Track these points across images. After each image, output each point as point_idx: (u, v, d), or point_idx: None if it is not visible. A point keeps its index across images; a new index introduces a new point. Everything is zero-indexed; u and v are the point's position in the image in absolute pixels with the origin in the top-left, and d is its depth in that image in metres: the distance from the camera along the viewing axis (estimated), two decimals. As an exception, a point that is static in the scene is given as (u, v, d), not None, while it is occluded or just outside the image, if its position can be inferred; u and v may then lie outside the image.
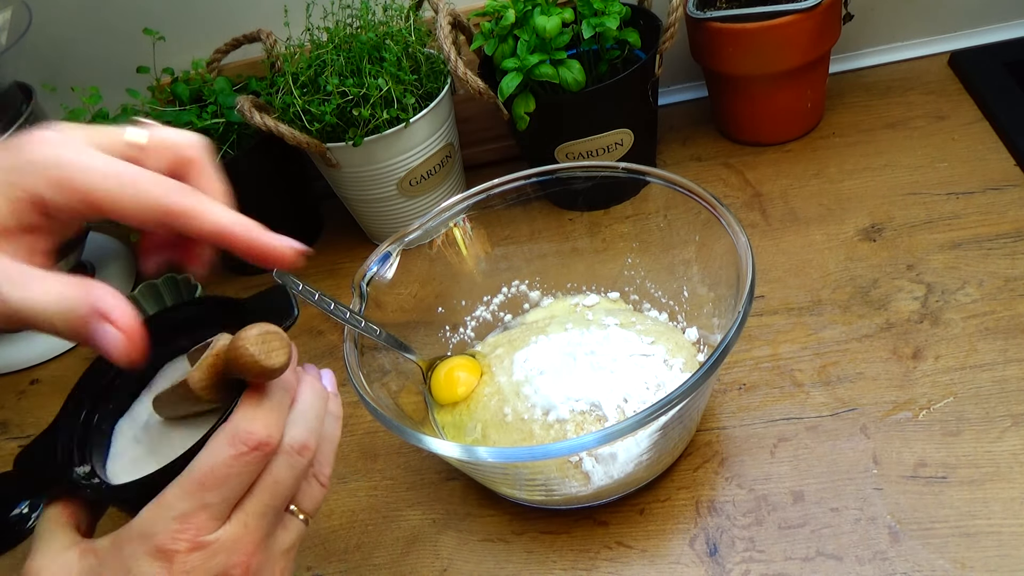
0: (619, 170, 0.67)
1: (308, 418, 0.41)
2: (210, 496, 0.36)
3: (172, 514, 0.36)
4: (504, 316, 0.75)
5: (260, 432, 0.38)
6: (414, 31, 0.83)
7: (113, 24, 0.98)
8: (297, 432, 0.40)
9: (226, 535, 0.37)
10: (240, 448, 0.37)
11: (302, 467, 0.40)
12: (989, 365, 0.62)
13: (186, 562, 0.36)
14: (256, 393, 0.39)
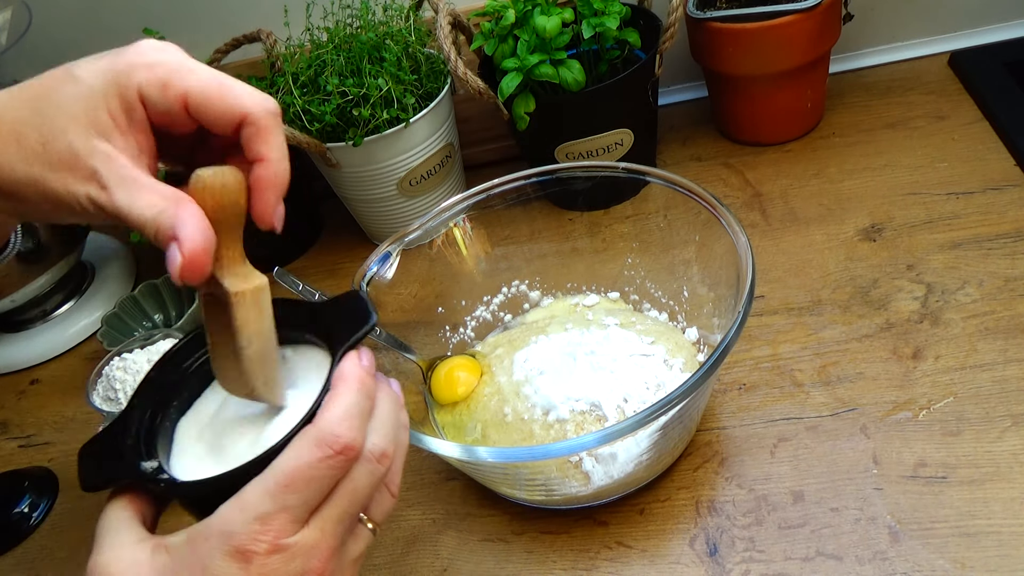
0: (619, 170, 0.67)
1: (387, 425, 0.40)
2: (292, 498, 0.36)
3: (253, 514, 0.35)
4: (504, 316, 0.75)
5: (347, 436, 0.37)
6: (414, 31, 0.83)
7: (113, 24, 0.98)
8: (378, 439, 0.39)
9: (304, 539, 0.36)
10: (326, 451, 0.36)
11: (380, 475, 0.39)
12: (989, 365, 0.62)
13: (264, 564, 0.35)
14: (341, 396, 0.38)
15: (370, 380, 0.40)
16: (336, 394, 0.38)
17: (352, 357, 0.40)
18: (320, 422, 0.37)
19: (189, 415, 0.45)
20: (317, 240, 0.99)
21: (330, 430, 0.37)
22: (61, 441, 0.83)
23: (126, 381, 0.67)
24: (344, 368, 0.39)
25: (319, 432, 0.37)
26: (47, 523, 0.74)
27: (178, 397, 0.45)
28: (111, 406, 0.66)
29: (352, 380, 0.39)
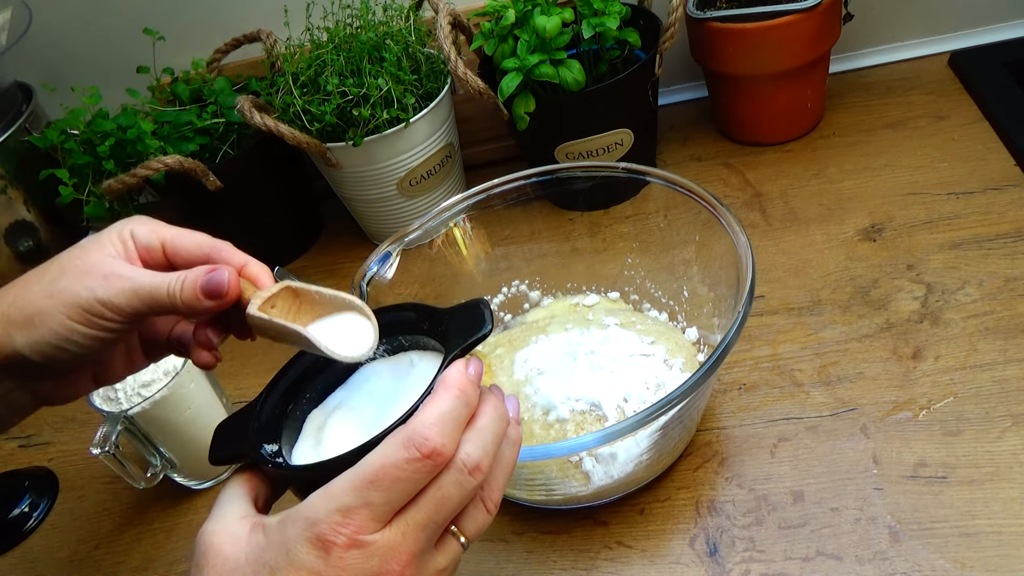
0: (619, 170, 0.67)
1: (485, 438, 0.39)
2: (375, 495, 0.36)
3: (336, 505, 0.36)
4: (504, 316, 0.75)
5: (435, 440, 0.37)
6: (414, 31, 0.83)
7: (113, 24, 0.98)
8: (472, 449, 0.39)
9: (384, 539, 0.37)
10: (413, 453, 0.36)
11: (471, 487, 0.39)
12: (989, 365, 0.62)
13: (342, 558, 0.36)
14: (437, 400, 0.38)
15: (472, 389, 0.39)
16: (434, 398, 0.38)
17: (458, 364, 0.40)
18: (412, 423, 0.37)
19: (320, 409, 0.46)
20: (317, 240, 0.99)
21: (420, 432, 0.37)
22: (61, 441, 0.83)
23: (126, 381, 0.67)
24: (447, 374, 0.39)
25: (409, 433, 0.37)
26: (47, 523, 0.74)
27: (313, 388, 0.47)
28: (111, 406, 0.66)
29: (452, 386, 0.39)
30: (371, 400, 0.45)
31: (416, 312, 0.46)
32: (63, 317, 0.42)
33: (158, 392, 0.65)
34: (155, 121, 0.85)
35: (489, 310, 0.43)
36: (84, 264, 0.44)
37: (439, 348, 0.45)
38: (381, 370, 0.47)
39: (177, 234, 0.46)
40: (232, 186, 0.85)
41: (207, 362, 0.47)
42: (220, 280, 0.43)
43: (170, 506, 0.72)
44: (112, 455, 0.63)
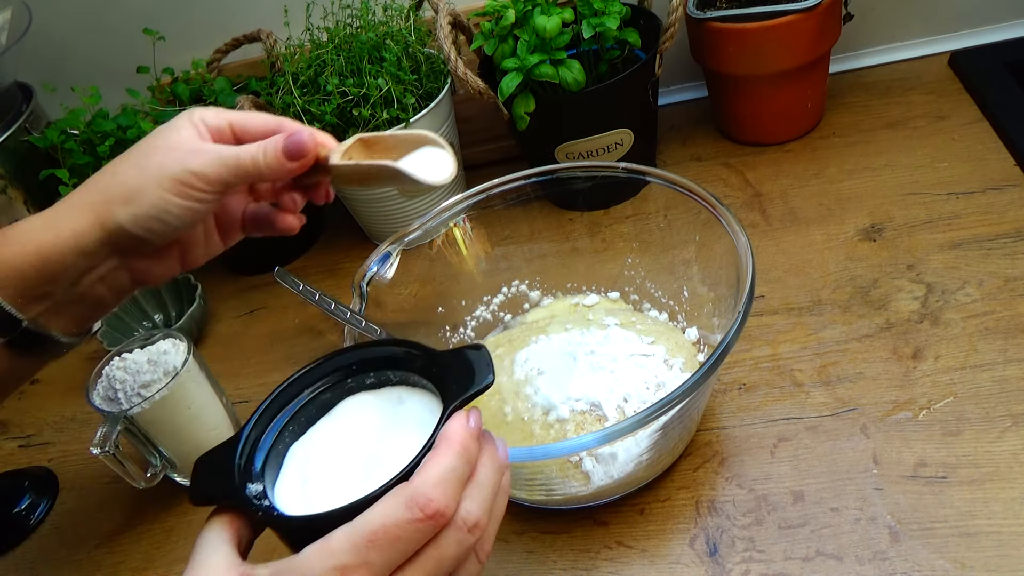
0: (619, 170, 0.67)
1: (485, 493, 0.39)
2: (375, 555, 0.35)
3: (333, 563, 0.35)
4: (504, 316, 0.75)
5: (439, 501, 0.36)
6: (414, 31, 0.83)
7: (113, 24, 0.98)
8: (473, 507, 0.38)
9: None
10: (416, 514, 0.36)
11: (469, 544, 0.38)
12: (989, 365, 0.62)
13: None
14: (441, 457, 0.38)
15: (474, 444, 0.39)
16: (436, 455, 0.38)
17: (460, 417, 0.39)
18: (415, 482, 0.37)
19: (303, 440, 0.45)
20: (317, 240, 0.99)
21: (424, 492, 0.36)
22: (61, 441, 0.83)
23: (126, 381, 0.67)
24: (449, 428, 0.39)
25: (412, 493, 0.36)
26: (47, 523, 0.74)
27: (296, 421, 0.45)
28: (111, 406, 0.66)
29: (455, 442, 0.38)
30: (358, 436, 0.44)
31: (409, 349, 0.45)
32: (159, 190, 0.45)
33: (158, 392, 0.65)
34: (155, 121, 0.85)
35: (490, 359, 0.42)
36: (168, 143, 0.47)
37: (430, 388, 0.44)
38: (367, 403, 0.46)
39: (242, 116, 0.49)
40: (232, 186, 0.85)
41: (292, 225, 0.52)
42: (301, 140, 0.46)
43: (170, 506, 0.72)
44: (112, 455, 0.63)
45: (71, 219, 0.46)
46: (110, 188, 0.46)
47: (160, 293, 0.92)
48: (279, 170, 0.47)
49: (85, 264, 0.47)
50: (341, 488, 0.40)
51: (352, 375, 0.46)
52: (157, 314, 0.92)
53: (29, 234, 0.47)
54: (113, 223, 0.46)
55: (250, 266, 0.97)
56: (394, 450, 0.42)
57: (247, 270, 0.97)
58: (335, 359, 0.46)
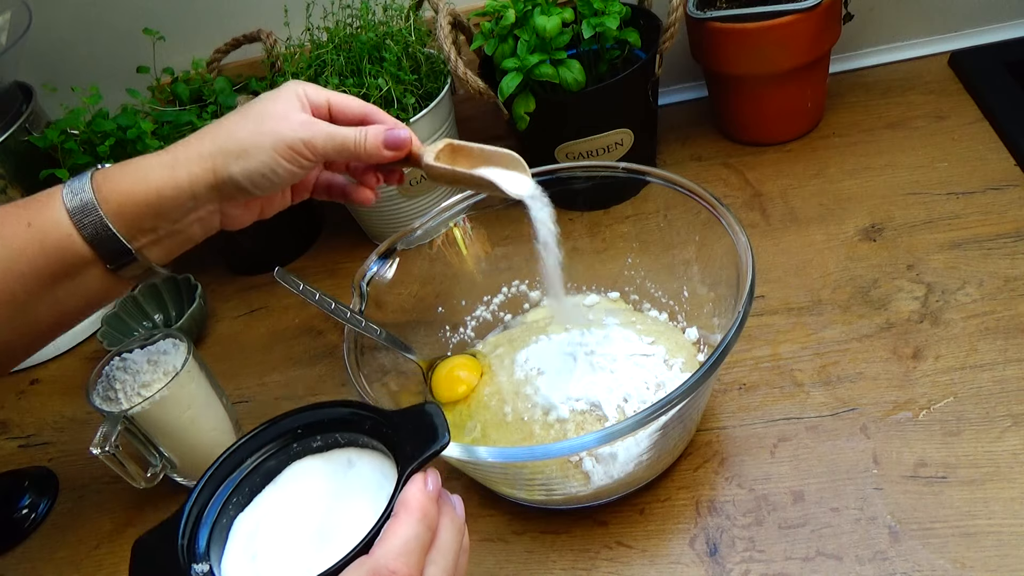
0: (619, 170, 0.67)
1: (448, 558, 0.39)
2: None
3: None
4: (504, 316, 0.75)
5: (402, 572, 0.36)
6: (414, 31, 0.83)
7: (113, 24, 0.98)
8: (437, 573, 0.38)
9: None
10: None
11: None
12: (989, 365, 0.62)
13: None
14: (401, 526, 0.37)
15: (433, 509, 0.39)
16: (397, 523, 0.37)
17: (418, 481, 0.39)
18: (376, 554, 0.36)
19: (248, 512, 0.44)
20: (317, 240, 0.99)
21: (386, 564, 0.36)
22: (61, 441, 0.83)
23: (126, 381, 0.67)
24: (408, 494, 0.38)
25: (375, 566, 0.36)
26: (47, 523, 0.74)
27: (240, 492, 0.44)
28: (111, 406, 0.66)
29: (414, 509, 0.38)
30: (308, 504, 0.43)
31: (357, 410, 0.44)
32: (272, 152, 0.52)
33: (158, 392, 0.65)
34: (155, 121, 0.85)
35: (443, 419, 0.41)
36: (280, 111, 0.53)
37: (381, 449, 0.43)
38: (315, 467, 0.45)
39: (339, 97, 0.56)
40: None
41: (368, 198, 0.60)
42: (401, 136, 0.55)
43: (170, 506, 0.72)
44: (112, 455, 0.63)
45: (190, 164, 0.52)
46: (226, 143, 0.52)
47: (160, 293, 0.92)
48: (375, 156, 0.54)
49: (192, 206, 0.53)
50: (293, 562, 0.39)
51: (298, 439, 0.45)
52: (157, 314, 0.92)
53: (149, 172, 0.52)
54: (226, 173, 0.52)
55: (250, 266, 0.97)
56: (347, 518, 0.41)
57: (247, 270, 0.97)
58: (280, 423, 0.45)
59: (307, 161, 0.53)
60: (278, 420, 0.45)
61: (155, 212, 0.52)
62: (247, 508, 0.44)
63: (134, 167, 0.53)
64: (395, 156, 0.55)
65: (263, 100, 0.54)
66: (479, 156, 0.56)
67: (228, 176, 0.52)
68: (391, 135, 0.54)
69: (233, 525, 0.43)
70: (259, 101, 0.54)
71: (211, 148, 0.52)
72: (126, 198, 0.51)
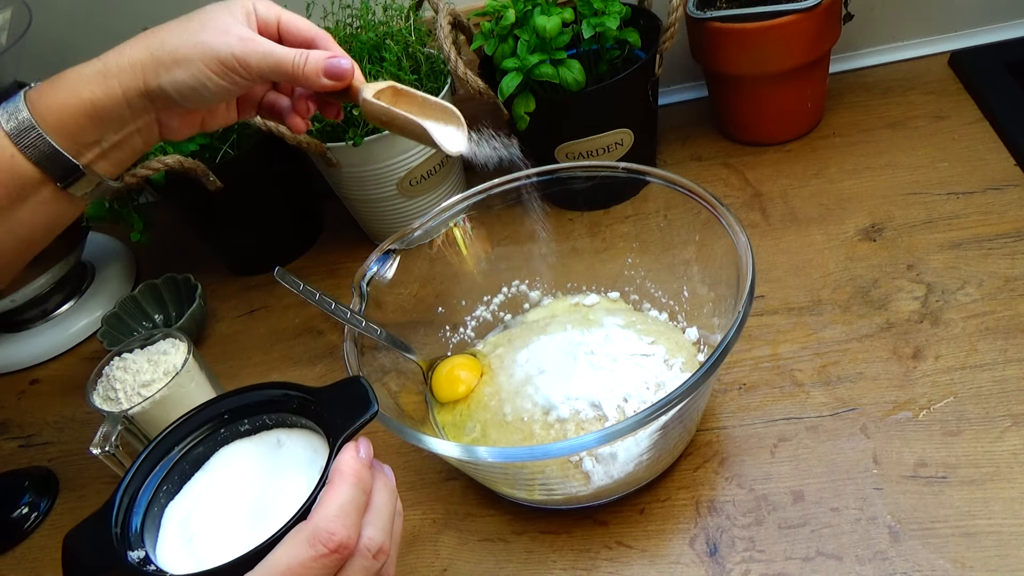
0: (619, 170, 0.67)
1: (383, 518, 0.40)
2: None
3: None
4: (504, 316, 0.75)
5: (342, 533, 0.37)
6: (414, 31, 0.83)
7: (113, 24, 0.98)
8: (375, 533, 0.39)
9: None
10: (320, 549, 0.36)
11: (375, 569, 0.39)
12: (989, 365, 0.62)
13: None
14: (336, 491, 0.38)
15: (367, 474, 0.40)
16: (332, 489, 0.38)
17: (350, 449, 0.40)
18: (315, 518, 0.37)
19: (179, 499, 0.44)
20: (317, 240, 0.99)
21: (325, 527, 0.37)
22: (61, 441, 0.83)
23: (126, 381, 0.67)
24: (342, 461, 0.39)
25: (314, 529, 0.37)
26: (47, 523, 0.74)
27: (169, 480, 0.44)
28: (111, 406, 0.66)
29: (349, 474, 0.39)
30: (239, 485, 0.43)
31: (284, 391, 0.44)
32: (203, 66, 0.50)
33: (158, 392, 0.65)
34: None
35: (371, 389, 0.42)
36: (221, 24, 0.51)
37: (310, 426, 0.44)
38: (244, 450, 0.45)
39: (290, 16, 0.54)
40: (232, 186, 0.85)
41: (299, 127, 0.57)
42: (343, 66, 0.52)
43: None
44: (112, 455, 0.63)
45: (121, 74, 0.50)
46: (158, 51, 0.50)
47: (160, 293, 0.92)
48: (313, 82, 0.52)
49: (130, 116, 0.51)
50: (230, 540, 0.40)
51: (225, 424, 0.45)
52: (157, 314, 0.92)
53: (82, 84, 0.50)
54: (156, 83, 0.50)
55: (250, 266, 0.97)
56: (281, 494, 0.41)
57: (247, 270, 0.97)
58: (206, 410, 0.45)
59: (240, 78, 0.51)
60: (204, 407, 0.45)
61: (94, 124, 0.50)
62: (177, 495, 0.44)
63: (66, 80, 0.51)
64: (334, 86, 0.52)
65: (209, 10, 0.52)
66: (420, 104, 0.53)
67: (158, 87, 0.50)
68: (332, 63, 0.52)
69: (165, 513, 0.43)
70: (205, 10, 0.52)
71: (142, 56, 0.50)
72: (62, 112, 0.50)
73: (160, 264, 1.00)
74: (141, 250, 1.03)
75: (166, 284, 0.91)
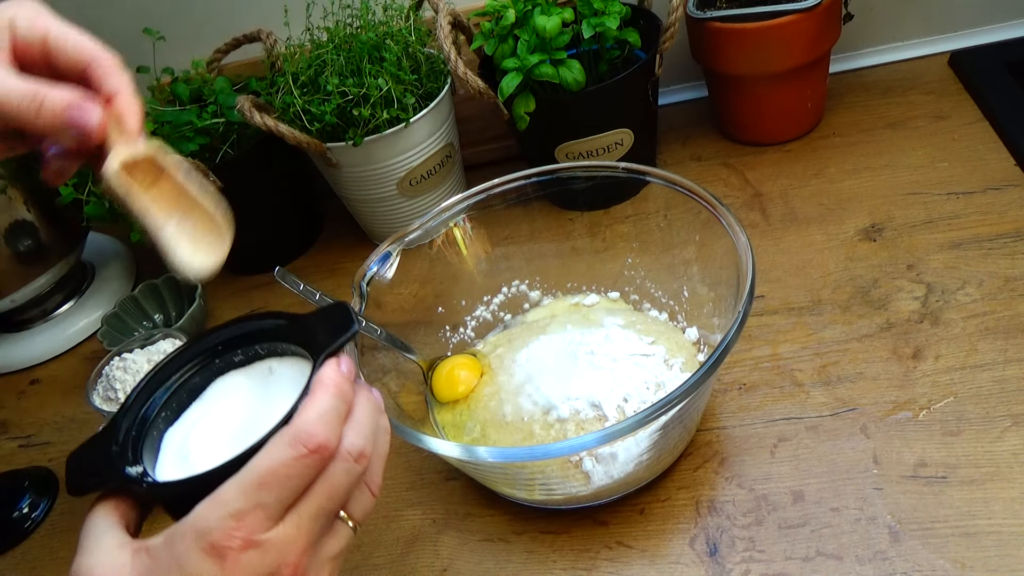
0: (619, 170, 0.67)
1: (364, 427, 0.41)
2: (267, 496, 0.37)
3: (227, 511, 0.36)
4: (504, 316, 0.75)
5: (321, 435, 0.38)
6: (414, 31, 0.83)
7: (113, 24, 0.98)
8: (355, 438, 0.40)
9: (278, 535, 0.37)
10: (300, 450, 0.37)
11: (357, 474, 0.40)
12: (989, 365, 0.62)
13: (239, 560, 0.36)
14: (317, 398, 0.39)
15: (347, 385, 0.40)
16: (313, 397, 0.39)
17: (331, 363, 0.41)
18: (296, 422, 0.38)
19: (177, 426, 0.45)
20: (317, 240, 0.99)
21: (305, 429, 0.38)
22: (61, 441, 0.83)
23: (126, 381, 0.67)
24: (322, 373, 0.40)
25: (294, 431, 0.38)
26: (47, 523, 0.74)
27: (167, 408, 0.45)
28: (111, 406, 0.66)
29: (329, 384, 0.40)
30: (234, 411, 0.45)
31: (274, 319, 0.46)
32: None
33: (158, 392, 0.65)
34: (155, 121, 0.85)
35: (354, 311, 0.43)
36: None
37: (300, 352, 0.45)
38: (238, 381, 0.46)
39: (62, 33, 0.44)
40: (232, 186, 0.85)
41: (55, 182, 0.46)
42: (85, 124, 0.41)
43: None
44: (112, 455, 0.62)
45: None
46: None
47: (160, 293, 0.92)
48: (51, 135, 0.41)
49: None
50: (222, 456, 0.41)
51: (219, 355, 0.46)
52: (157, 314, 0.92)
53: None
54: None
55: (250, 266, 0.97)
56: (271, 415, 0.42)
57: (247, 270, 0.97)
58: (201, 342, 0.46)
59: None
60: (197, 340, 0.46)
61: None
62: (175, 423, 0.45)
63: None
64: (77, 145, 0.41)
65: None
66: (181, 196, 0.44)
67: None
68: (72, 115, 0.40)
69: (163, 438, 0.44)
70: None
71: None
72: None
73: (160, 264, 0.99)
74: (141, 250, 1.03)
75: (166, 284, 0.91)
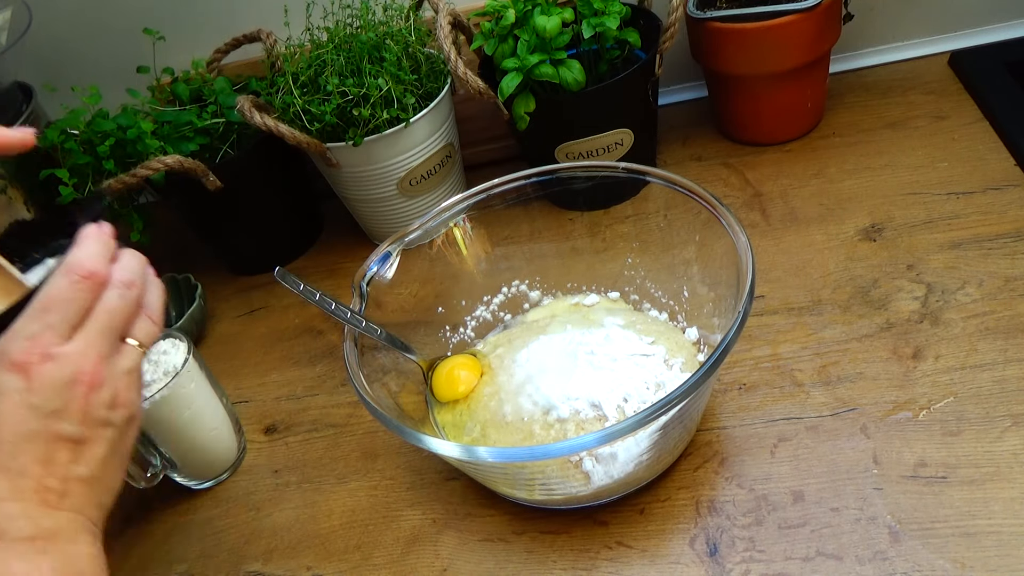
0: (619, 170, 0.67)
1: (131, 266, 0.48)
2: (52, 317, 0.44)
3: (22, 335, 0.43)
4: (504, 316, 0.75)
5: (89, 264, 0.45)
6: (414, 31, 0.83)
7: (113, 24, 0.98)
8: (122, 272, 0.47)
9: (71, 348, 0.44)
10: (73, 278, 0.45)
11: (131, 299, 0.47)
12: (989, 365, 0.62)
13: (40, 372, 0.43)
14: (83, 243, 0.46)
15: (106, 236, 0.48)
16: (80, 243, 0.47)
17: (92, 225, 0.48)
18: (68, 259, 0.46)
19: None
20: (317, 240, 0.99)
21: (75, 263, 0.45)
22: (61, 441, 0.82)
23: (126, 381, 0.67)
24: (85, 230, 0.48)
25: (67, 265, 0.45)
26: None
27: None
28: (111, 406, 0.66)
29: (90, 235, 0.47)
30: None
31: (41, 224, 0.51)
32: None
33: (158, 392, 0.65)
34: (155, 121, 0.85)
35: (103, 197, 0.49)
36: None
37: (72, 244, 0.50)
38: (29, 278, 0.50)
39: None
40: (232, 186, 0.85)
41: None
42: None
43: (170, 506, 0.72)
44: (112, 455, 0.62)
45: None
46: None
47: (160, 293, 0.91)
48: None
49: None
50: None
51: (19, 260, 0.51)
52: (157, 314, 0.92)
53: None
54: None
55: (250, 266, 0.97)
56: None
57: (247, 270, 0.97)
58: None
59: None
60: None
61: None
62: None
63: None
64: None
65: None
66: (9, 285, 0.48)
67: None
68: None
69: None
70: None
71: None
72: None
73: (160, 264, 0.99)
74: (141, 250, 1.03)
75: (166, 284, 0.91)
